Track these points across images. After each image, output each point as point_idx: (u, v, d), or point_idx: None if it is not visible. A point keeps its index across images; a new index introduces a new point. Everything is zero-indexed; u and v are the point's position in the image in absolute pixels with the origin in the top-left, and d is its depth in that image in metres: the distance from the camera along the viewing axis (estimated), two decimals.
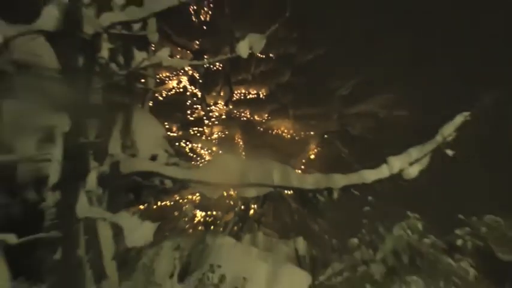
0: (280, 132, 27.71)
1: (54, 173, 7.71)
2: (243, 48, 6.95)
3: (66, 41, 7.25)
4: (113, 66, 8.36)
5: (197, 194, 16.42)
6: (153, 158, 10.36)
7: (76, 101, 7.20)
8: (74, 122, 6.87)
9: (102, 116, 9.35)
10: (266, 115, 27.78)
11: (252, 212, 21.77)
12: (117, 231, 8.05)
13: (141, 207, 12.33)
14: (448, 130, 7.65)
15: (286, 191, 15.52)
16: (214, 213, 21.18)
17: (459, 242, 11.59)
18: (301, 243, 11.92)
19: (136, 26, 8.03)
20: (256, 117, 27.66)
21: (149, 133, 9.76)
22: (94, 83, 7.93)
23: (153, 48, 11.12)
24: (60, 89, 7.46)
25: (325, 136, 27.80)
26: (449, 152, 7.62)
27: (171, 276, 8.36)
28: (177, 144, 22.78)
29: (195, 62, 20.50)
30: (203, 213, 21.52)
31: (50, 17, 7.29)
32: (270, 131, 27.81)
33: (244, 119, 27.68)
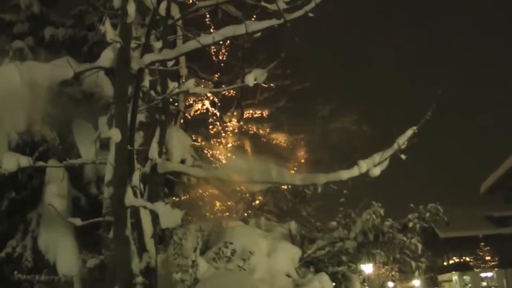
0: (278, 142, 28.29)
1: (109, 172, 7.76)
2: (249, 79, 7.03)
3: (119, 75, 7.31)
4: (152, 93, 8.42)
5: (216, 189, 16.45)
6: (183, 161, 10.41)
7: (126, 118, 7.26)
8: (124, 134, 6.90)
9: (145, 130, 9.43)
10: (268, 129, 28.40)
11: (257, 202, 21.87)
12: (155, 216, 8.09)
13: (174, 198, 12.39)
14: (402, 140, 7.76)
15: (282, 186, 15.55)
16: (228, 203, 21.22)
17: (410, 224, 11.66)
18: (293, 225, 11.98)
19: (170, 63, 8.09)
20: (260, 131, 28.36)
21: (179, 143, 9.81)
22: (139, 105, 8.00)
23: (183, 80, 11.19)
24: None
25: (311, 146, 28.53)
26: (403, 156, 7.76)
27: (195, 250, 8.37)
28: (201, 151, 22.89)
29: (214, 90, 20.61)
30: (220, 203, 21.59)
31: (107, 57, 7.38)
32: (270, 142, 28.39)
33: (252, 132, 28.29)
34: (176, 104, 13.41)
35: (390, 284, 51.59)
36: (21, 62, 7.13)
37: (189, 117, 24.38)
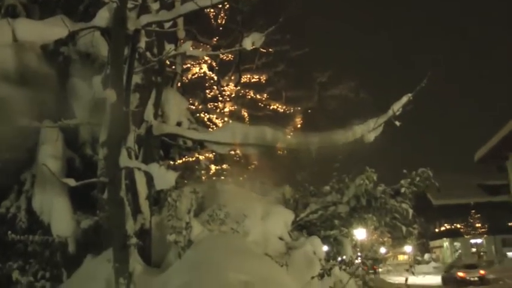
0: (275, 107, 28.24)
1: (103, 134, 7.69)
2: (247, 43, 6.94)
3: (115, 36, 7.19)
4: (148, 54, 8.32)
5: (212, 152, 16.41)
6: (179, 124, 10.34)
7: (121, 79, 7.16)
8: (119, 95, 6.82)
9: (141, 92, 9.33)
10: (265, 95, 28.36)
11: (252, 166, 21.88)
12: (149, 178, 8.05)
13: (169, 161, 12.35)
14: (397, 107, 7.69)
15: (278, 151, 15.53)
16: (224, 166, 21.23)
17: (403, 189, 11.65)
18: (287, 190, 12.01)
19: (167, 25, 7.96)
20: (258, 96, 28.26)
21: (176, 105, 9.72)
22: (135, 67, 7.91)
23: (180, 43, 11.06)
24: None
25: (309, 111, 28.51)
26: (397, 123, 7.70)
27: (189, 212, 8.34)
28: (197, 115, 22.83)
29: (212, 53, 20.49)
30: (216, 167, 21.61)
31: (102, 17, 7.25)
32: (268, 107, 28.34)
33: (249, 97, 28.23)
34: (173, 66, 13.29)
35: (382, 249, 51.96)
36: (13, 19, 6.94)
37: (186, 80, 24.27)
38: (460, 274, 38.08)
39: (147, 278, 7.15)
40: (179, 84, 14.68)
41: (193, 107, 23.21)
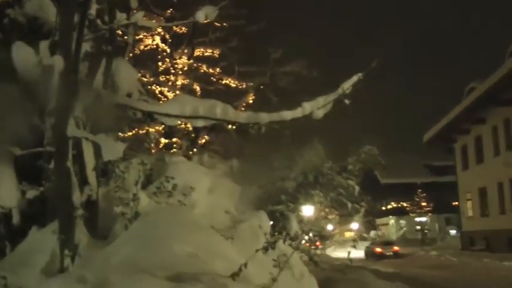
0: (228, 82, 28.26)
1: (51, 102, 7.57)
2: (200, 16, 6.91)
3: (64, 0, 7.06)
4: (99, 22, 8.19)
5: (162, 125, 16.33)
6: (129, 95, 10.22)
7: (70, 46, 7.04)
8: (68, 62, 6.71)
9: (90, 60, 9.17)
10: (218, 69, 28.34)
11: (202, 140, 21.90)
12: (97, 149, 7.98)
13: (118, 133, 12.22)
14: (347, 85, 7.77)
15: (228, 126, 15.54)
16: (173, 140, 21.22)
17: (350, 166, 11.84)
18: (235, 163, 12.03)
19: None
20: (210, 71, 28.23)
21: (126, 76, 9.61)
22: (85, 34, 7.77)
23: (133, 12, 10.88)
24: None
25: (261, 87, 28.66)
26: (347, 101, 7.80)
27: (137, 184, 8.31)
28: (149, 87, 22.71)
29: (165, 24, 20.32)
30: (166, 140, 21.59)
31: None
32: (220, 81, 28.36)
33: (202, 71, 28.19)
34: (125, 37, 13.11)
35: (329, 226, 52.90)
36: None
37: (138, 52, 24.05)
38: (378, 249, 46.83)
39: (93, 250, 7.11)
40: (131, 55, 14.51)
41: (145, 79, 23.06)
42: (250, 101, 28.07)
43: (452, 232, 67.92)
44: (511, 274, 23.80)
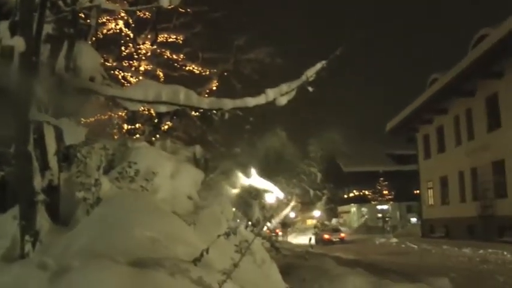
0: (191, 68, 28.20)
1: (11, 84, 7.46)
2: (164, 1, 6.91)
3: None
4: (61, 3, 8.09)
5: (125, 111, 16.23)
6: (91, 79, 10.11)
7: (31, 28, 6.94)
8: (29, 44, 6.62)
9: (52, 43, 9.05)
10: (182, 55, 28.22)
11: (165, 127, 21.83)
12: (59, 133, 7.91)
13: (80, 117, 12.10)
14: (310, 72, 7.84)
15: (192, 112, 15.52)
16: (136, 125, 21.12)
17: (312, 153, 11.91)
18: (198, 149, 11.99)
19: None
20: (174, 56, 28.10)
21: (89, 60, 9.50)
22: (46, 15, 7.67)
23: None
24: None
25: (225, 74, 28.67)
26: (310, 89, 7.87)
27: (99, 169, 8.26)
28: (112, 72, 22.52)
29: (128, 8, 20.12)
30: (128, 126, 21.46)
31: None
32: (184, 68, 28.29)
33: (165, 57, 28.09)
34: (88, 20, 12.98)
35: (292, 214, 53.29)
36: None
37: (101, 36, 23.79)
38: (326, 236, 49.99)
39: (55, 236, 7.06)
40: (93, 39, 14.34)
41: (108, 64, 22.86)
42: (214, 88, 28.05)
43: (413, 220, 69.15)
44: (469, 260, 24.33)
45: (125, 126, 21.55)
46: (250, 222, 12.56)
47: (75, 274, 4.66)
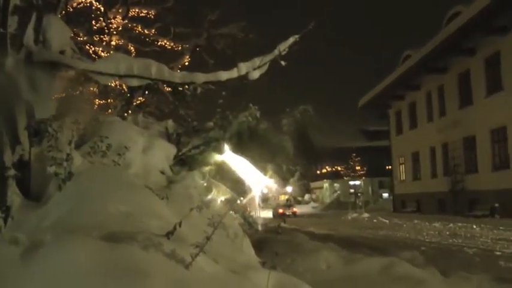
0: (163, 44, 27.99)
1: None
2: None
3: None
4: None
5: (96, 86, 16.05)
6: (61, 53, 9.99)
7: None
8: None
9: (20, 15, 8.91)
10: (153, 30, 28.00)
11: (136, 101, 21.68)
12: (29, 107, 7.84)
13: (51, 92, 11.93)
14: (283, 47, 7.85)
15: (164, 88, 15.44)
16: (108, 100, 20.96)
17: (285, 127, 11.94)
18: (170, 124, 11.93)
19: None
20: (146, 31, 27.83)
21: (58, 33, 9.36)
22: None
23: None
24: None
25: (197, 49, 28.49)
26: (283, 63, 7.88)
27: (70, 143, 8.17)
28: (82, 46, 22.26)
29: None
30: (101, 101, 21.33)
31: None
32: (155, 43, 28.07)
33: (137, 31, 27.80)
34: None
35: (264, 190, 53.65)
36: None
37: (71, 9, 23.44)
38: (280, 210, 57.91)
39: (27, 211, 7.01)
40: (63, 12, 14.12)
41: (78, 38, 22.58)
42: (186, 64, 27.88)
43: (385, 195, 70.06)
44: (439, 234, 24.72)
45: (97, 101, 21.38)
46: (223, 198, 12.59)
47: (48, 249, 4.64)
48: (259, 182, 14.65)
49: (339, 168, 77.66)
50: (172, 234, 5.26)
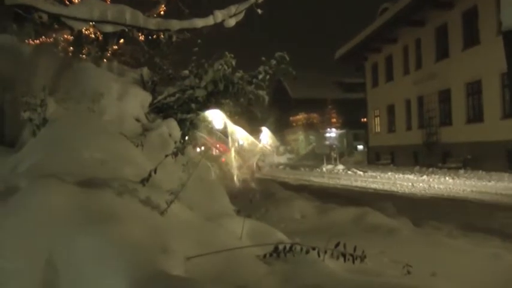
0: None
1: None
2: None
3: None
4: None
5: (70, 31, 15.76)
6: None
7: None
8: None
9: None
10: None
11: (111, 48, 21.37)
12: (1, 52, 7.73)
13: (24, 38, 11.73)
14: None
15: (140, 35, 15.24)
16: (82, 49, 20.67)
17: (260, 76, 11.84)
18: (145, 71, 11.79)
19: None
20: None
21: None
22: None
23: None
24: None
25: None
26: (259, 11, 7.86)
27: (44, 89, 8.05)
28: None
29: None
30: (75, 49, 21.00)
31: None
32: None
33: None
34: None
35: (240, 141, 53.83)
36: None
37: None
38: (251, 162, 53.35)
39: (1, 157, 6.99)
40: None
41: None
42: (162, 13, 27.41)
43: (360, 147, 70.70)
44: (412, 185, 25.16)
45: (71, 48, 21.02)
46: (198, 149, 12.62)
47: (23, 195, 4.66)
48: (234, 132, 14.66)
49: (315, 120, 77.99)
50: (147, 181, 5.30)
